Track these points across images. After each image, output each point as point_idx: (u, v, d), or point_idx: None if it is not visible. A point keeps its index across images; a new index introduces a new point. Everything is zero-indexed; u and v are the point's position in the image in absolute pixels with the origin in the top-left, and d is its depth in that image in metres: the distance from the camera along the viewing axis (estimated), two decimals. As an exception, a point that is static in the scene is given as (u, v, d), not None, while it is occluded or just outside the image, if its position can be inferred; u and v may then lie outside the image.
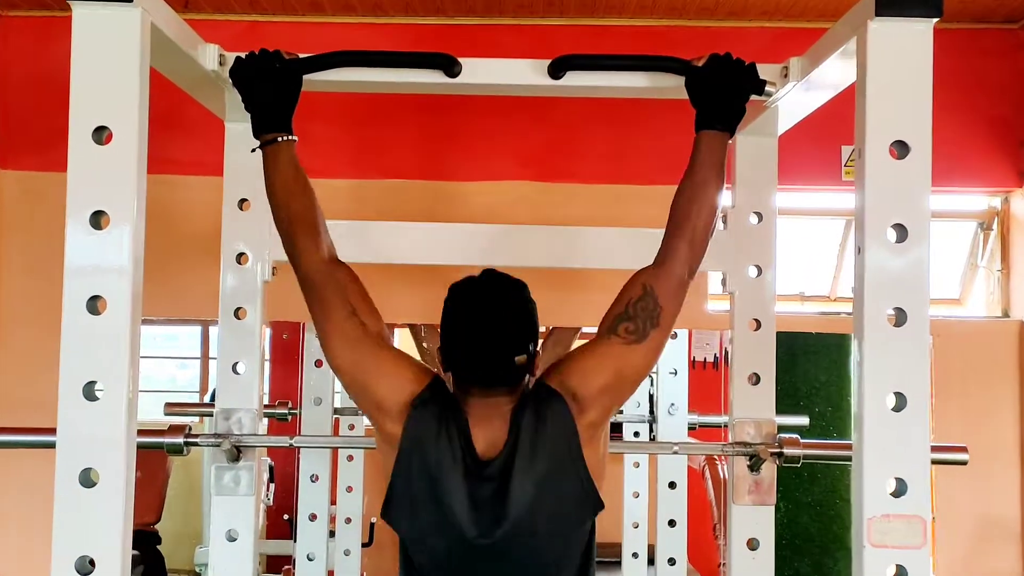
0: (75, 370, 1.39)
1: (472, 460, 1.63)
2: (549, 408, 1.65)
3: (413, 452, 1.64)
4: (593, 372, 1.66)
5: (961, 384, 3.30)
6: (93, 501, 1.38)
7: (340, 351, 1.68)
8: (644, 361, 1.68)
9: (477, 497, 1.62)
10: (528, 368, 1.69)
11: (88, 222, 1.39)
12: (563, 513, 1.64)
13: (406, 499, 1.65)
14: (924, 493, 1.40)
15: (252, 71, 1.71)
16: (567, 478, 1.63)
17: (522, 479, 1.61)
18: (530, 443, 1.63)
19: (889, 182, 1.43)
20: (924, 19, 1.44)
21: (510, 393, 1.68)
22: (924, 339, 1.42)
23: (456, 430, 1.64)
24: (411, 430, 1.64)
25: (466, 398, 1.68)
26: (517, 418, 1.65)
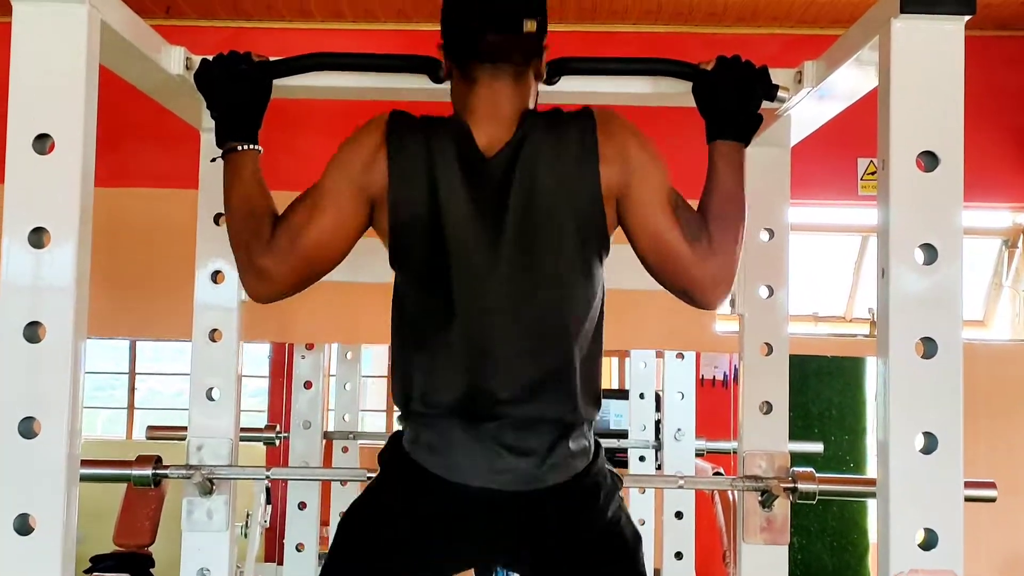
0: (10, 405, 1.25)
1: (472, 155, 1.49)
2: (570, 117, 1.51)
3: (403, 176, 1.49)
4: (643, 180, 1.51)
5: (986, 411, 3.16)
6: (29, 551, 1.24)
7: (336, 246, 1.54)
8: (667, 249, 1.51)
9: (477, 200, 1.48)
10: (538, 46, 1.54)
11: (27, 240, 1.27)
12: (574, 237, 1.49)
13: (407, 225, 1.50)
14: (957, 544, 1.28)
15: (217, 74, 1.58)
16: (581, 197, 1.48)
17: (526, 182, 1.47)
18: (541, 145, 1.48)
19: (917, 197, 1.31)
20: (954, 16, 1.31)
21: (518, 79, 1.53)
22: (957, 372, 1.30)
23: (451, 131, 1.50)
24: (395, 157, 1.49)
25: (468, 88, 1.53)
26: (525, 116, 1.51)
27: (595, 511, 1.57)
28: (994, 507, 2.81)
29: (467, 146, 1.50)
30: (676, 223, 1.50)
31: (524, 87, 1.54)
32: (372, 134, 1.54)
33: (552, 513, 1.53)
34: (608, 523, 1.58)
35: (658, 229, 1.50)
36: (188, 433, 2.02)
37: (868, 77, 1.49)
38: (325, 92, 1.77)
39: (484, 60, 1.51)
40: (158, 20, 2.98)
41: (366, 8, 3.06)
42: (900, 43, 1.32)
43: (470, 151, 1.50)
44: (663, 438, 3.34)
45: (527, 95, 1.55)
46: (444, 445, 1.51)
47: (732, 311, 2.13)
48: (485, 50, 1.50)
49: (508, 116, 1.52)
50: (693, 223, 1.51)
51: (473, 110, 1.53)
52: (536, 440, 1.50)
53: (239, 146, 1.58)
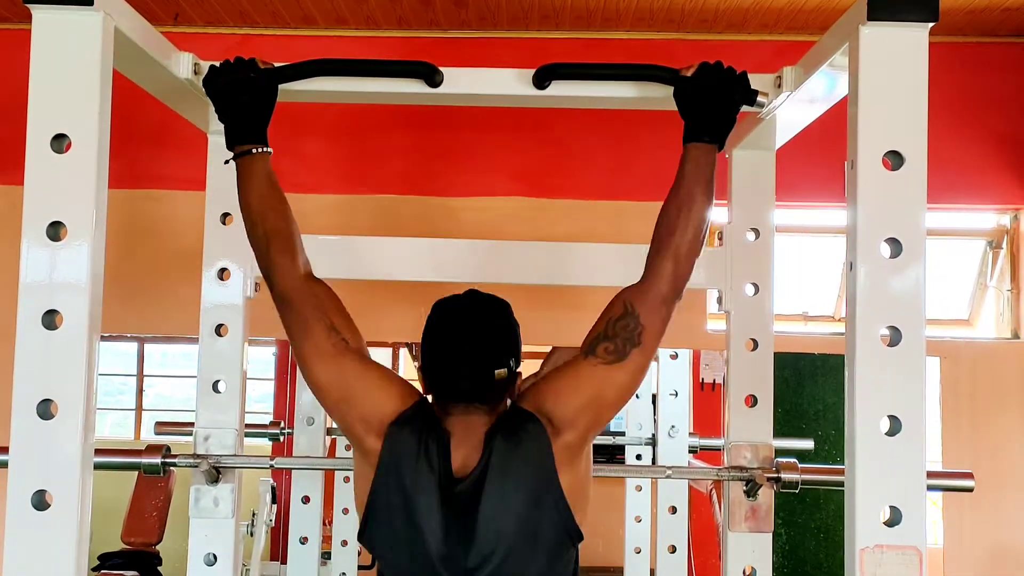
0: (29, 388, 1.33)
1: (447, 478, 1.58)
2: (523, 429, 1.59)
3: (392, 470, 1.59)
4: (569, 393, 1.61)
5: (970, 408, 3.21)
6: (46, 525, 1.32)
7: (321, 369, 1.63)
8: (625, 382, 1.61)
9: (449, 518, 1.56)
10: (508, 385, 1.65)
11: (45, 233, 1.35)
12: (536, 540, 1.57)
13: (384, 517, 1.60)
14: (920, 522, 1.33)
15: (225, 80, 1.65)
16: (541, 503, 1.57)
17: (492, 501, 1.56)
18: (502, 465, 1.57)
19: (882, 195, 1.37)
20: (919, 24, 1.38)
21: (489, 412, 1.64)
22: (920, 360, 1.35)
23: (436, 448, 1.59)
24: (391, 447, 1.60)
25: (446, 417, 1.64)
26: (490, 438, 1.60)
27: None
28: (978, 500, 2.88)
29: (443, 464, 1.59)
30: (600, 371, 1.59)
31: (498, 411, 1.65)
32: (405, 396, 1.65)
33: None
34: None
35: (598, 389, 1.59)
36: (195, 424, 2.09)
37: (841, 81, 1.56)
38: (327, 96, 1.83)
39: (460, 401, 1.63)
40: (167, 27, 3.05)
41: (368, 15, 3.13)
42: (868, 49, 1.38)
43: (445, 469, 1.58)
44: (658, 435, 3.39)
45: (500, 412, 1.65)
46: None
47: (719, 308, 2.21)
48: (459, 395, 1.63)
49: (478, 439, 1.61)
50: (610, 346, 1.59)
51: (451, 429, 1.62)
52: None
53: (252, 149, 1.65)
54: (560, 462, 1.58)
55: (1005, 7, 2.97)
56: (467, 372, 1.61)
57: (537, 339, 2.89)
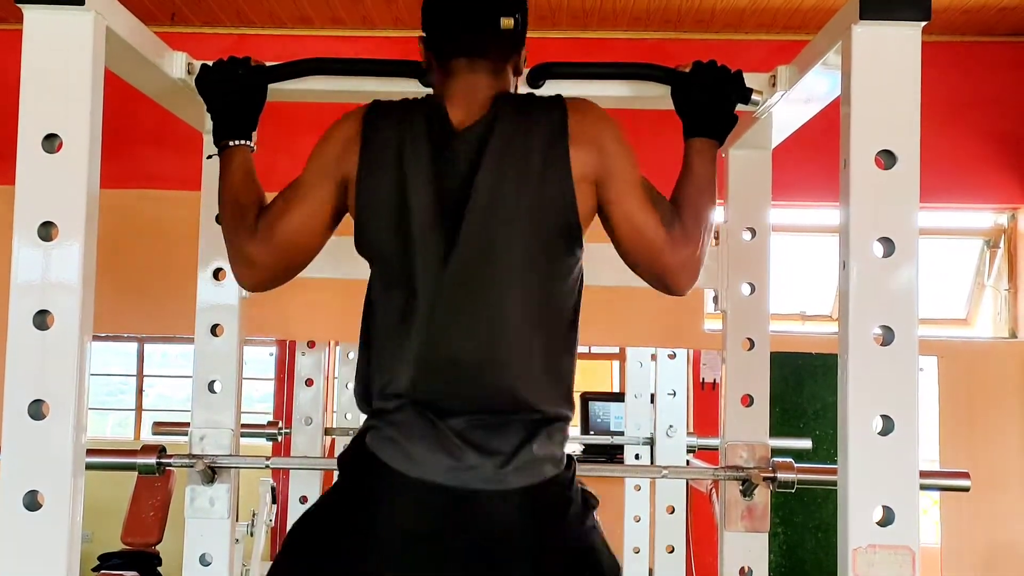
0: (20, 388, 1.33)
1: (444, 130, 1.48)
2: (538, 100, 1.52)
3: (374, 152, 1.49)
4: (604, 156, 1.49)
5: (967, 406, 3.21)
6: (37, 525, 1.32)
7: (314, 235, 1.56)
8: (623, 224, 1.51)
9: (442, 177, 1.46)
10: (514, 45, 1.57)
11: (36, 233, 1.34)
12: (542, 222, 1.46)
13: (371, 203, 1.49)
14: (913, 522, 1.33)
15: (216, 78, 1.65)
16: (547, 177, 1.46)
17: (492, 162, 1.45)
18: (509, 124, 1.47)
19: (875, 193, 1.37)
20: (911, 23, 1.37)
21: (494, 74, 1.55)
22: (913, 359, 1.35)
23: (426, 109, 1.51)
24: (368, 135, 1.50)
25: (445, 80, 1.55)
26: (498, 99, 1.51)
27: (563, 523, 1.49)
28: (975, 500, 2.88)
29: (440, 122, 1.50)
30: (652, 209, 1.51)
31: (502, 79, 1.56)
32: (351, 120, 1.56)
33: (516, 518, 1.45)
34: (579, 538, 1.50)
35: (635, 214, 1.50)
36: (191, 424, 2.09)
37: (835, 80, 1.56)
38: (321, 96, 1.82)
39: (462, 55, 1.54)
40: (164, 27, 3.06)
41: (364, 15, 3.14)
42: (860, 47, 1.38)
43: (441, 126, 1.50)
44: (656, 435, 3.39)
45: (505, 86, 1.57)
46: (405, 438, 1.46)
47: (716, 308, 2.20)
48: (463, 46, 1.54)
49: (483, 98, 1.52)
50: (667, 211, 1.52)
51: (450, 96, 1.54)
52: (500, 440, 1.44)
53: (231, 142, 1.64)
54: (575, 140, 1.47)
55: (1001, 6, 2.98)
56: (472, 18, 1.53)
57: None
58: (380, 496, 1.47)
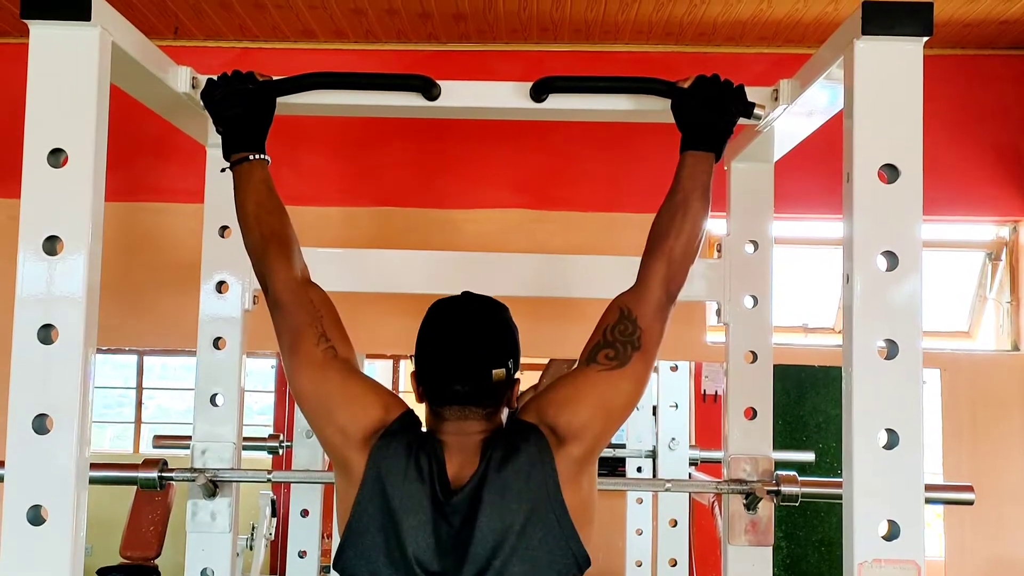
0: (24, 402, 1.33)
1: (442, 490, 1.49)
2: (523, 439, 1.51)
3: (377, 486, 1.50)
4: (573, 403, 1.53)
5: (970, 420, 3.20)
6: (41, 539, 1.32)
7: (306, 376, 1.56)
8: (629, 388, 1.55)
9: (440, 534, 1.47)
10: (506, 390, 1.57)
11: (41, 247, 1.35)
12: (536, 560, 1.47)
13: (367, 538, 1.50)
14: (919, 536, 1.33)
15: (222, 92, 1.65)
16: (541, 519, 1.48)
17: (490, 515, 1.46)
18: (500, 476, 1.48)
19: (878, 207, 1.37)
20: (913, 38, 1.38)
21: (486, 419, 1.55)
22: (917, 372, 1.35)
23: (428, 459, 1.51)
24: (377, 461, 1.50)
25: (440, 424, 1.56)
26: (487, 447, 1.51)
27: None
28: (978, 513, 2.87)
29: (440, 479, 1.50)
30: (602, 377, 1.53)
31: (494, 419, 1.57)
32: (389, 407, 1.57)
33: None
34: None
35: (602, 397, 1.53)
36: (193, 438, 2.08)
37: (837, 94, 1.56)
38: (326, 109, 1.83)
39: (455, 404, 1.54)
40: (167, 41, 3.06)
41: (367, 29, 3.14)
42: (863, 62, 1.39)
43: (441, 483, 1.50)
44: (658, 448, 3.39)
45: (498, 423, 1.57)
46: None
47: (718, 320, 2.21)
48: (456, 397, 1.54)
49: (474, 448, 1.53)
50: (610, 352, 1.54)
51: (445, 443, 1.54)
52: None
53: (249, 156, 1.64)
54: (564, 477, 1.50)
55: (1003, 20, 2.98)
56: (463, 372, 1.53)
57: (536, 351, 2.88)
58: None
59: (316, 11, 2.99)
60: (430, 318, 1.61)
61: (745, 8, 2.91)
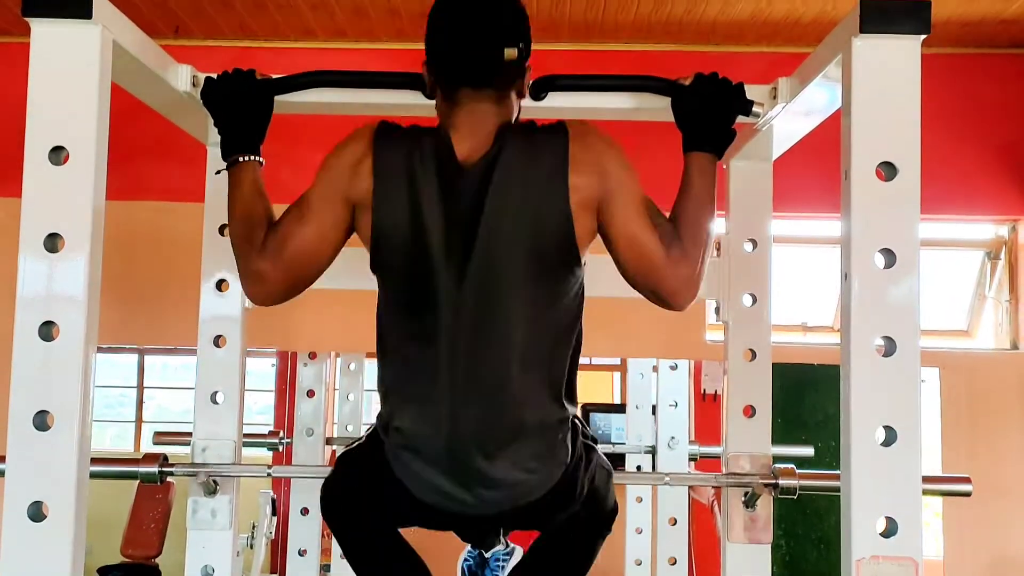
0: (25, 399, 1.34)
1: (451, 165, 1.53)
2: (540, 129, 1.55)
3: (390, 176, 1.53)
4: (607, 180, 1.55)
5: (969, 418, 3.21)
6: (42, 535, 1.32)
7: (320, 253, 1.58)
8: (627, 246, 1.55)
9: (451, 210, 1.52)
10: (518, 74, 1.59)
11: (43, 245, 1.35)
12: (542, 248, 1.52)
13: (387, 230, 1.53)
14: (917, 533, 1.33)
15: (222, 91, 1.66)
16: (550, 208, 1.51)
17: (497, 195, 1.50)
18: (514, 157, 1.52)
19: (876, 205, 1.37)
20: (911, 35, 1.38)
21: (498, 102, 1.58)
22: (915, 370, 1.36)
23: (434, 141, 1.54)
24: (382, 156, 1.54)
25: (451, 109, 1.58)
26: (502, 131, 1.55)
27: (571, 499, 1.65)
28: (978, 509, 2.88)
29: (447, 157, 1.54)
30: (653, 229, 1.55)
31: (506, 106, 1.59)
32: (359, 142, 1.59)
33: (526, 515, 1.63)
34: (587, 495, 1.67)
35: (635, 234, 1.55)
36: (193, 435, 2.08)
37: (835, 92, 1.56)
38: (325, 108, 1.83)
39: (466, 84, 1.57)
40: (167, 40, 3.07)
41: (366, 28, 3.15)
42: (860, 60, 1.39)
43: (449, 162, 1.54)
44: (658, 446, 3.39)
45: (509, 113, 1.60)
46: (418, 469, 1.58)
47: (717, 319, 2.21)
48: (467, 76, 1.56)
49: (488, 131, 1.56)
50: (667, 230, 1.56)
51: (456, 126, 1.57)
52: (507, 471, 1.56)
53: (241, 157, 1.65)
54: (575, 168, 1.52)
55: (1002, 19, 2.99)
56: (476, 48, 1.54)
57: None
58: (396, 499, 1.64)
59: (317, 11, 3.00)
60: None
61: (744, 8, 2.92)
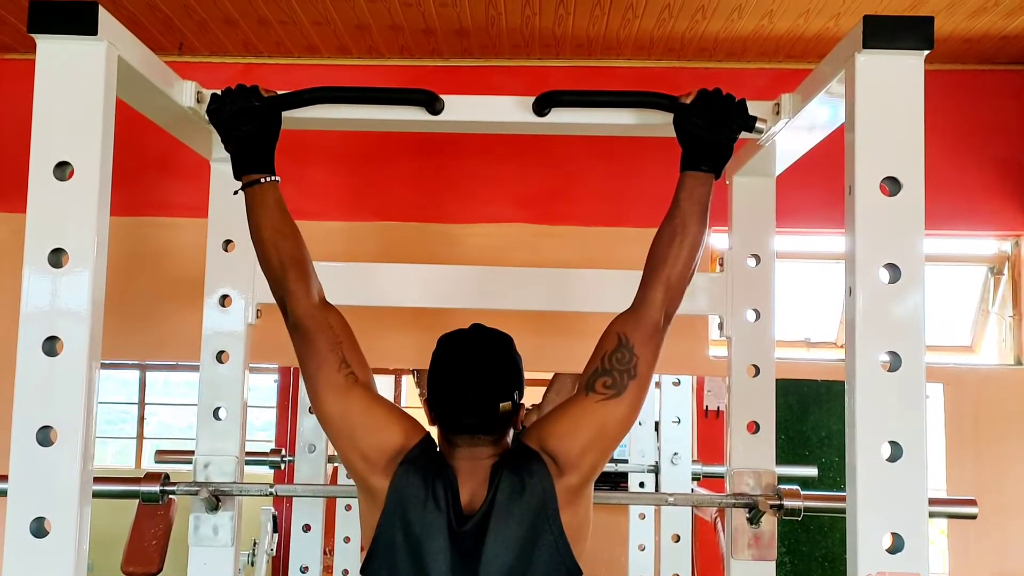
0: (29, 414, 1.33)
1: (457, 517, 1.60)
2: (527, 469, 1.61)
3: (399, 511, 1.60)
4: (573, 433, 1.61)
5: (973, 434, 3.20)
6: (44, 552, 1.32)
7: (330, 401, 1.63)
8: (625, 414, 1.62)
9: (456, 558, 1.58)
10: (512, 417, 1.67)
11: (47, 260, 1.35)
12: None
13: (389, 557, 1.60)
14: (923, 548, 1.32)
15: (229, 109, 1.66)
16: (542, 543, 1.58)
17: (495, 541, 1.57)
18: (506, 504, 1.59)
19: (880, 220, 1.37)
20: (914, 51, 1.39)
21: (494, 444, 1.65)
22: (920, 384, 1.35)
23: (444, 487, 1.61)
24: (398, 487, 1.60)
25: (452, 451, 1.66)
26: (496, 476, 1.61)
27: None
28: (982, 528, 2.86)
29: (454, 505, 1.60)
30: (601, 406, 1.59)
31: (501, 444, 1.67)
32: (409, 434, 1.64)
33: None
34: None
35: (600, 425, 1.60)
36: (195, 451, 2.08)
37: (838, 108, 1.57)
38: (330, 124, 1.83)
39: (465, 434, 1.64)
40: (172, 56, 3.08)
41: (370, 45, 3.16)
42: (864, 76, 1.39)
43: (455, 511, 1.60)
44: (661, 463, 3.38)
45: (505, 447, 1.67)
46: None
47: (721, 334, 2.21)
48: (466, 427, 1.64)
49: (484, 474, 1.62)
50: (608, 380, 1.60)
51: (456, 464, 1.64)
52: None
53: (261, 178, 1.65)
54: (563, 503, 1.60)
55: (1003, 35, 2.99)
56: (473, 405, 1.63)
57: (539, 365, 2.88)
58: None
59: (320, 27, 3.00)
60: (441, 352, 1.70)
61: (746, 24, 2.92)
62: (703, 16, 2.86)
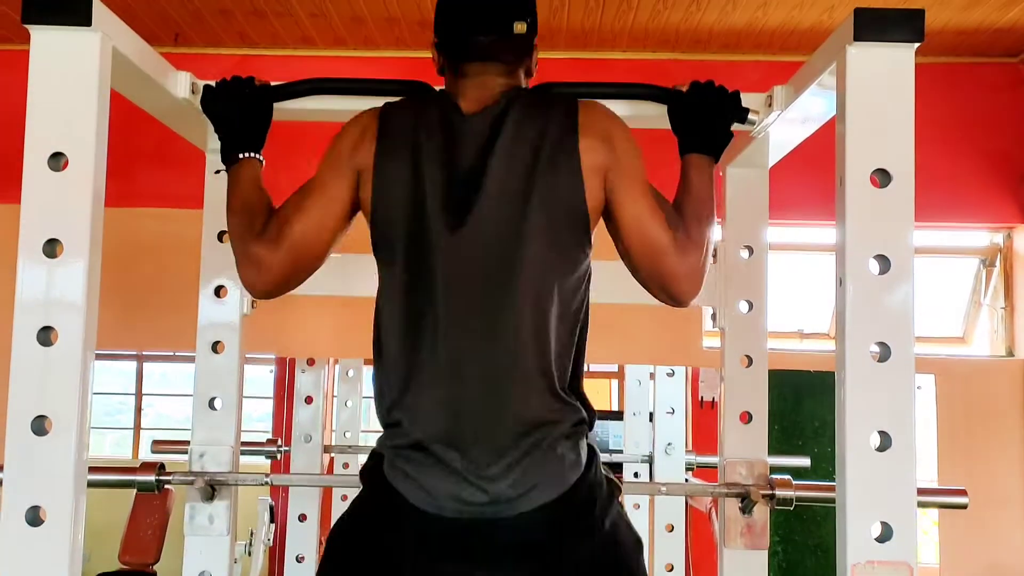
0: (24, 404, 1.34)
1: (455, 117, 1.51)
2: (548, 95, 1.54)
3: (390, 140, 1.50)
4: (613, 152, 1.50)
5: (964, 425, 3.22)
6: (39, 541, 1.32)
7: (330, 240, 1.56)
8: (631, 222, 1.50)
9: (454, 164, 1.48)
10: (526, 49, 1.59)
11: (41, 250, 1.35)
12: (550, 208, 1.46)
13: (388, 186, 1.49)
14: (911, 538, 1.33)
15: (221, 98, 1.67)
16: (560, 171, 1.46)
17: (506, 146, 1.47)
18: (523, 113, 1.48)
19: (870, 212, 1.38)
20: (905, 44, 1.39)
21: (509, 74, 1.57)
22: (909, 374, 1.36)
23: (439, 101, 1.53)
24: (385, 126, 1.52)
25: (459, 83, 1.57)
26: (511, 90, 1.53)
27: (590, 525, 1.46)
28: (974, 518, 2.88)
29: (452, 110, 1.52)
30: (658, 211, 1.50)
31: (513, 80, 1.58)
32: (366, 116, 1.58)
33: (542, 533, 1.43)
34: (606, 535, 1.48)
35: (641, 214, 1.49)
36: (191, 441, 2.09)
37: (830, 100, 1.57)
38: (324, 115, 1.84)
39: (474, 59, 1.56)
40: (167, 48, 3.09)
41: (366, 36, 3.17)
42: (854, 68, 1.40)
43: (454, 113, 1.52)
44: (655, 453, 3.39)
45: (516, 85, 1.59)
46: (417, 473, 1.45)
47: (714, 325, 2.22)
48: (476, 50, 1.56)
49: (494, 94, 1.55)
50: (672, 213, 1.52)
51: (463, 93, 1.56)
52: (514, 459, 1.42)
53: (240, 155, 1.64)
54: (584, 132, 1.48)
55: (996, 28, 3.01)
56: (485, 22, 1.55)
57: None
58: (402, 529, 1.46)
59: (316, 19, 3.01)
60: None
61: (740, 16, 2.93)
62: (697, 8, 2.87)
